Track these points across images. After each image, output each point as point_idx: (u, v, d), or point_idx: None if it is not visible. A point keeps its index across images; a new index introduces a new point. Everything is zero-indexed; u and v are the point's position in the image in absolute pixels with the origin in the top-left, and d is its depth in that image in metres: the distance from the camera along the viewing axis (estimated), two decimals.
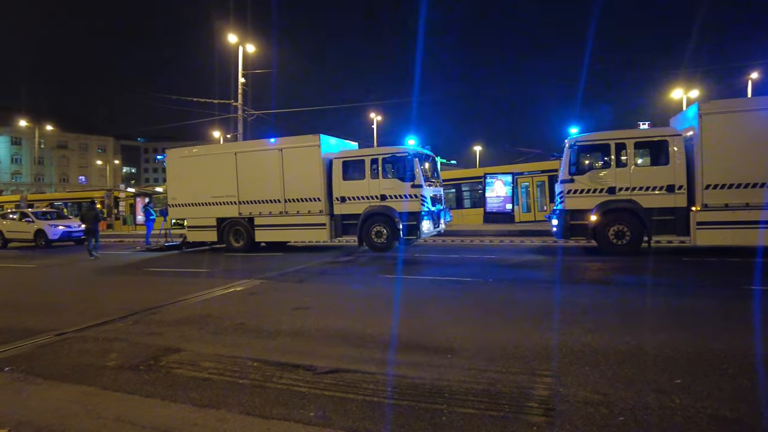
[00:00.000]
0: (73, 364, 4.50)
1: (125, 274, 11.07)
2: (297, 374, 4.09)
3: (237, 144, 14.92)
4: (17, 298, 8.37)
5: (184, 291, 8.11)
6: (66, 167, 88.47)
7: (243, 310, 6.61)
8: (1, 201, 37.26)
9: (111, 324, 6.04)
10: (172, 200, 15.59)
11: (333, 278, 9.25)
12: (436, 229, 13.40)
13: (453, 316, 6.00)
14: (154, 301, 7.30)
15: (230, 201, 14.55)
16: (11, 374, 4.28)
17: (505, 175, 21.86)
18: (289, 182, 13.78)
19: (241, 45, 26.40)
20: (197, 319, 6.16)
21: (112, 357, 4.69)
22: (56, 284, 10.12)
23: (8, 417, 3.39)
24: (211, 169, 14.90)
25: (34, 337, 5.52)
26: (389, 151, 12.99)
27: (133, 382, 4.01)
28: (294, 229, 13.92)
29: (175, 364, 4.43)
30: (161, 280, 9.82)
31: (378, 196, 12.88)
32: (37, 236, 19.39)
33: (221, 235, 14.85)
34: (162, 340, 5.22)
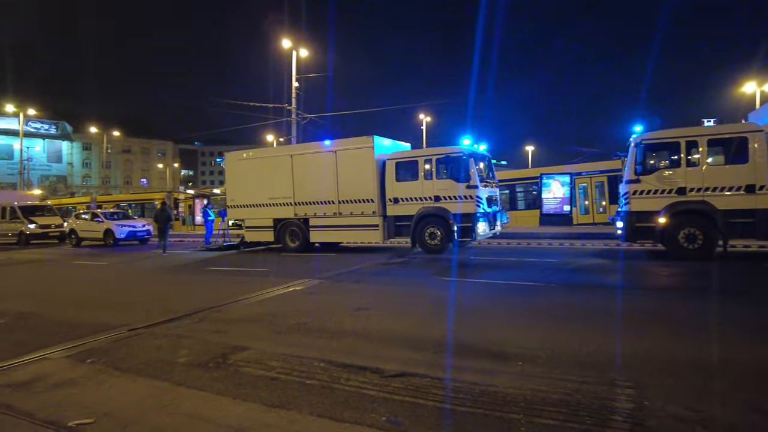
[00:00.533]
0: (147, 359, 4.64)
1: (188, 272, 11.47)
2: (364, 377, 4.04)
3: (292, 147, 15.21)
4: (93, 295, 8.83)
5: (245, 290, 8.28)
6: (130, 170, 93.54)
7: (304, 310, 6.65)
8: (75, 202, 39.78)
9: (179, 321, 6.23)
10: (231, 201, 16.07)
11: (389, 279, 9.19)
12: (492, 232, 13.10)
13: (518, 322, 5.79)
14: (217, 299, 7.49)
15: (286, 202, 14.83)
16: (93, 366, 4.47)
17: (563, 176, 21.12)
18: (343, 184, 13.88)
19: (295, 50, 26.98)
20: (260, 317, 6.25)
21: (182, 354, 4.81)
22: (126, 281, 10.62)
23: (94, 408, 3.53)
24: (267, 171, 15.24)
25: (109, 331, 5.77)
26: (443, 151, 12.82)
27: (204, 379, 4.08)
28: (347, 230, 14.00)
29: (243, 362, 4.49)
30: (222, 279, 10.11)
31: (432, 197, 12.74)
32: (106, 235, 20.51)
33: (277, 235, 15.15)
34: (228, 338, 5.32)
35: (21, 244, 23.14)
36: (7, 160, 77.15)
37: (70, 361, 4.65)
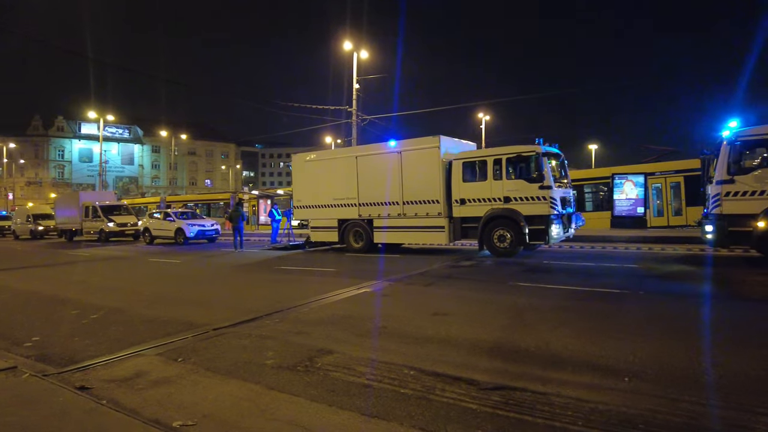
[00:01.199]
0: (236, 360, 4.66)
1: (261, 271, 11.70)
2: (459, 387, 3.84)
3: (357, 148, 15.26)
4: (174, 292, 9.15)
5: (318, 290, 8.30)
6: (195, 172, 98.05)
7: (381, 313, 6.54)
8: (146, 202, 42.06)
9: (260, 321, 6.27)
10: (297, 202, 16.33)
11: (462, 283, 8.94)
12: (566, 235, 12.52)
13: (612, 332, 5.40)
14: (293, 299, 7.52)
15: (351, 203, 14.87)
16: (185, 365, 4.54)
17: (636, 176, 20.01)
18: (407, 184, 13.74)
19: (356, 51, 27.15)
20: (339, 319, 6.19)
21: (269, 355, 4.79)
22: (202, 279, 10.96)
23: (193, 408, 3.53)
24: (333, 172, 15.36)
25: (194, 329, 5.88)
26: (514, 150, 12.38)
27: (295, 383, 4.02)
28: (412, 231, 13.85)
29: (331, 366, 4.41)
30: (294, 278, 10.21)
31: (501, 198, 12.33)
32: (177, 234, 21.44)
33: (342, 235, 15.23)
34: (311, 340, 5.27)
35: (101, 240, 24.67)
36: (88, 163, 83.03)
37: (163, 359, 4.74)
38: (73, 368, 4.48)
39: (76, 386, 3.96)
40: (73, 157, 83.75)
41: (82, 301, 8.09)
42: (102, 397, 3.73)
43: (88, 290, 9.52)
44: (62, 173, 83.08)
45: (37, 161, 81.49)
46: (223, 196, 40.47)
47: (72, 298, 8.55)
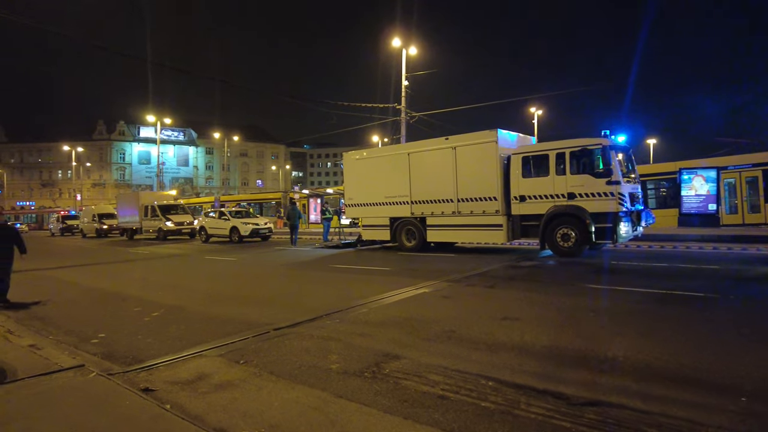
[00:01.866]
0: (299, 364, 4.43)
1: (315, 269, 11.59)
2: (546, 402, 3.44)
3: (409, 144, 14.92)
4: (231, 289, 9.13)
5: (375, 289, 8.04)
6: (246, 172, 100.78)
7: (444, 315, 6.17)
8: (201, 202, 43.45)
9: (319, 321, 6.06)
10: (349, 200, 16.20)
11: (527, 285, 8.43)
12: (634, 233, 11.69)
13: (708, 342, 4.81)
14: (351, 299, 7.29)
15: (403, 201, 14.57)
16: (247, 368, 4.35)
17: (707, 170, 18.64)
18: (462, 181, 13.28)
19: (404, 48, 26.84)
20: (402, 321, 5.88)
21: (333, 359, 4.55)
22: (259, 277, 10.95)
23: (259, 416, 3.31)
24: (384, 169, 15.11)
25: (253, 329, 5.73)
26: (579, 143, 11.67)
27: (364, 391, 3.74)
28: (467, 229, 13.37)
29: (400, 374, 4.10)
30: (349, 277, 10.00)
31: (564, 194, 11.66)
32: (232, 232, 21.85)
33: (394, 234, 14.96)
34: (375, 344, 4.99)
35: (159, 239, 25.55)
36: (146, 165, 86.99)
37: (225, 361, 4.58)
38: (137, 368, 4.39)
39: (140, 387, 3.84)
40: (133, 160, 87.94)
41: (143, 299, 8.19)
42: (166, 401, 3.58)
43: (148, 287, 9.68)
44: (123, 175, 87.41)
45: (101, 164, 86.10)
46: (274, 196, 41.24)
47: (134, 295, 8.68)
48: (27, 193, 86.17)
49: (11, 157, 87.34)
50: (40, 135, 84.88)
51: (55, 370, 4.02)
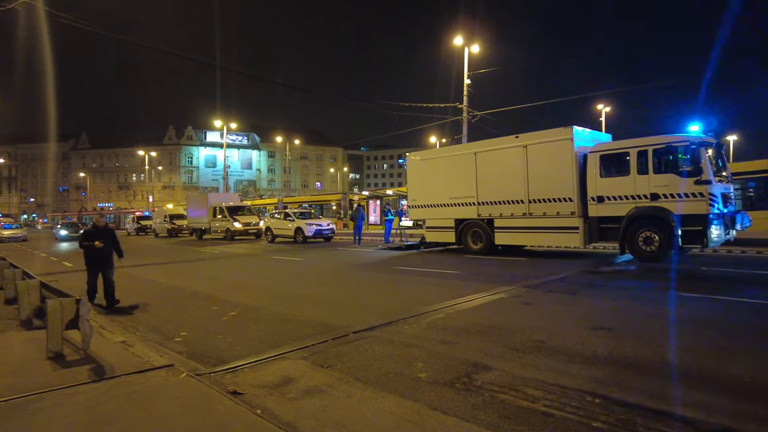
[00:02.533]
0: (385, 370, 4.26)
1: (382, 271, 11.47)
2: (668, 426, 3.07)
3: (476, 143, 14.51)
4: (303, 289, 9.15)
5: (448, 293, 7.78)
6: (306, 175, 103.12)
7: (529, 324, 5.81)
8: (264, 203, 44.76)
9: (396, 325, 5.88)
10: (412, 202, 15.99)
11: (612, 292, 7.87)
12: (726, 237, 10.70)
13: None
14: (425, 302, 7.08)
15: (469, 202, 14.18)
16: (332, 373, 4.23)
17: None
18: (534, 181, 12.72)
19: (467, 46, 26.35)
20: (484, 329, 5.58)
21: (419, 367, 4.34)
22: (328, 278, 10.95)
23: (351, 428, 3.15)
24: (449, 170, 14.78)
25: (332, 331, 5.63)
26: (664, 140, 10.85)
27: (459, 404, 3.50)
28: (539, 232, 12.78)
29: (495, 386, 3.82)
30: (418, 280, 9.78)
31: (647, 195, 10.87)
32: (296, 233, 22.22)
33: (459, 236, 14.59)
34: (460, 352, 4.74)
35: (227, 239, 26.43)
36: (212, 168, 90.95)
37: (309, 365, 4.48)
38: (222, 369, 4.38)
39: (228, 390, 3.80)
40: (200, 163, 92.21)
41: (219, 298, 8.35)
42: (256, 405, 3.50)
43: (223, 286, 9.89)
44: (191, 178, 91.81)
45: (171, 167, 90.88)
46: (334, 197, 41.76)
47: (210, 294, 8.88)
48: (106, 195, 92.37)
49: (93, 161, 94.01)
50: (117, 141, 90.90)
51: (147, 368, 4.06)
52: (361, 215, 20.32)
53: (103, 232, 7.78)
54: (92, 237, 7.60)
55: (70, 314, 4.49)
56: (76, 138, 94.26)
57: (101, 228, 7.83)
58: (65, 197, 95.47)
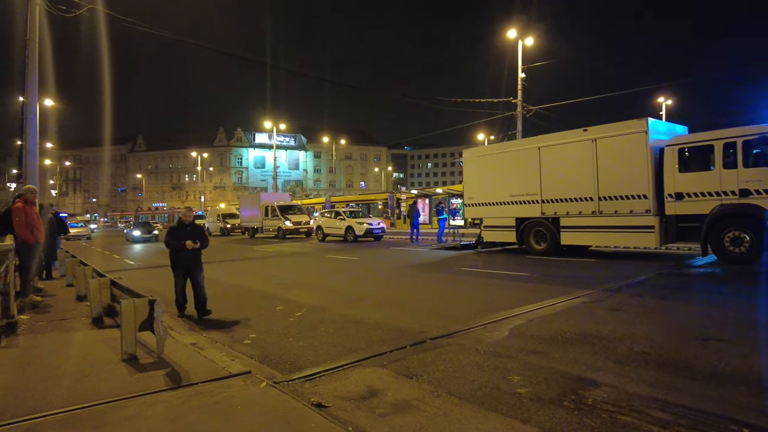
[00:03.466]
0: (478, 383, 3.83)
1: (442, 272, 11.02)
2: None
3: (540, 137, 13.80)
4: (365, 290, 8.84)
5: (522, 297, 7.27)
6: (351, 174, 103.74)
7: (626, 332, 5.23)
8: (312, 202, 45.12)
9: (475, 332, 5.43)
10: (468, 200, 15.44)
11: (707, 297, 7.12)
12: None
13: None
14: (499, 306, 6.60)
15: (532, 200, 13.50)
16: (420, 384, 3.84)
17: None
18: (604, 177, 11.93)
19: (520, 39, 25.46)
20: (576, 337, 5.06)
21: (515, 381, 3.89)
22: (388, 278, 10.59)
23: None
24: (510, 166, 14.14)
25: (407, 337, 5.27)
26: (756, 130, 9.84)
27: (576, 426, 3.03)
28: (609, 231, 11.97)
29: (611, 406, 3.33)
30: (484, 282, 9.27)
31: (735, 191, 9.92)
32: (347, 232, 22.09)
33: (520, 236, 13.93)
34: (557, 364, 4.25)
35: (279, 237, 26.66)
36: (261, 169, 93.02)
37: (392, 374, 4.12)
38: (300, 377, 4.08)
39: (312, 402, 3.48)
40: (249, 164, 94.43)
41: (282, 297, 8.16)
42: (345, 421, 3.17)
43: (283, 285, 9.73)
44: (240, 178, 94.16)
45: (221, 168, 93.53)
46: (380, 196, 41.56)
47: (271, 292, 8.72)
48: (160, 195, 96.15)
49: (148, 163, 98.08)
50: (171, 143, 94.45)
51: (224, 375, 3.81)
52: (417, 213, 20.36)
53: (193, 229, 6.74)
54: (181, 235, 6.58)
55: (143, 315, 4.32)
56: (133, 141, 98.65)
57: (190, 224, 6.76)
58: (123, 197, 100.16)
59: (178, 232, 6.62)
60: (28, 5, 12.01)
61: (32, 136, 11.80)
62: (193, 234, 6.61)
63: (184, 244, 6.46)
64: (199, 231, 6.80)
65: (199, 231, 6.77)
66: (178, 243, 6.49)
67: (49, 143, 47.44)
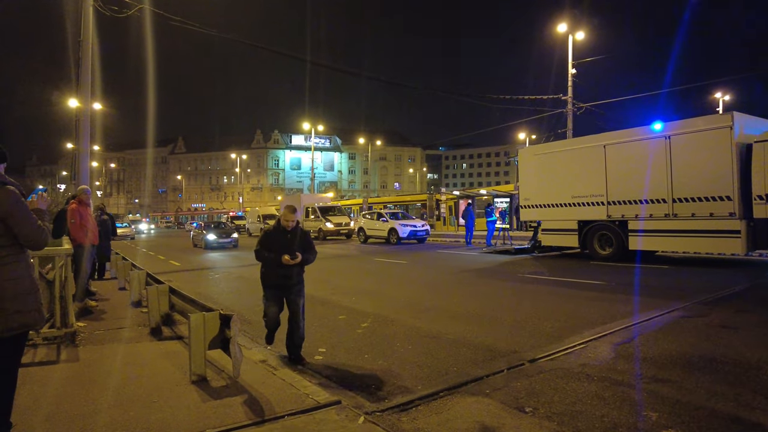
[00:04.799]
0: (610, 422, 3.18)
1: (502, 278, 10.32)
2: None
3: (605, 135, 12.87)
4: (428, 299, 8.23)
5: (608, 310, 6.54)
6: (385, 176, 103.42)
7: (759, 356, 4.45)
8: (350, 204, 44.84)
9: (574, 352, 4.76)
10: (525, 201, 14.63)
11: None
12: None
13: None
14: (587, 321, 5.92)
15: (596, 201, 12.60)
16: (540, 422, 3.21)
17: None
18: (679, 177, 10.96)
19: (571, 33, 24.38)
20: (700, 362, 4.32)
21: (653, 418, 3.21)
22: (446, 284, 9.94)
23: None
24: (571, 165, 13.27)
25: (498, 358, 4.65)
26: None
27: None
28: (685, 236, 10.98)
29: None
30: (556, 291, 8.50)
31: None
32: (390, 234, 21.52)
33: (583, 240, 13.05)
34: (695, 398, 3.54)
35: (319, 239, 26.36)
36: (297, 170, 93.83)
37: (501, 407, 3.51)
38: (393, 406, 3.51)
39: None
40: (285, 166, 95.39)
41: (340, 304, 7.67)
42: None
43: (337, 290, 9.25)
44: (277, 180, 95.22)
45: (258, 170, 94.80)
46: (419, 197, 40.91)
47: (327, 298, 8.23)
48: (199, 196, 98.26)
49: (188, 165, 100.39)
50: (210, 145, 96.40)
51: (312, 406, 3.29)
52: (471, 215, 19.73)
53: (295, 237, 4.74)
54: (277, 244, 4.66)
55: (213, 332, 3.86)
56: (174, 143, 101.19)
57: (292, 231, 4.73)
58: (163, 198, 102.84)
59: (274, 239, 4.72)
60: (81, 6, 11.98)
61: (85, 138, 11.74)
62: (293, 244, 4.68)
63: (279, 258, 4.57)
64: (305, 240, 4.85)
65: (304, 240, 4.83)
66: (271, 257, 4.64)
67: (96, 146, 49.00)
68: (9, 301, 2.47)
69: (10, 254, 2.53)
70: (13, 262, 2.53)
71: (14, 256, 2.55)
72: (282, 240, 4.70)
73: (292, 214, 4.72)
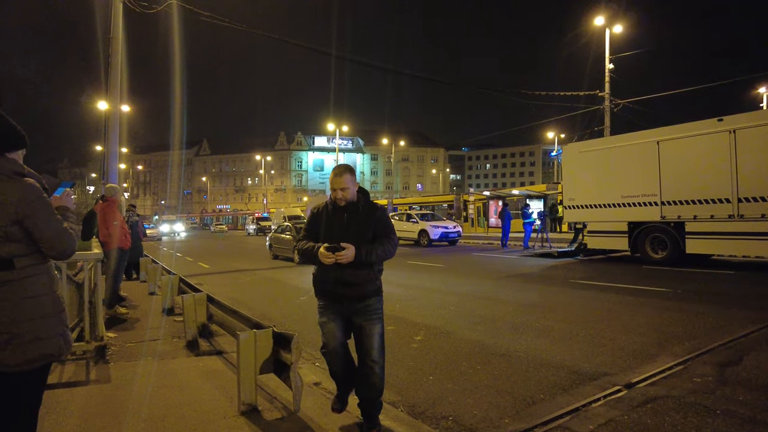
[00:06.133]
0: None
1: (554, 284, 9.56)
2: None
3: (658, 130, 12.01)
4: (479, 308, 7.57)
5: (686, 323, 5.82)
6: (407, 177, 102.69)
7: None
8: None
9: (673, 375, 4.08)
10: (569, 201, 13.83)
11: None
12: None
13: None
14: (667, 335, 5.21)
15: (648, 201, 11.76)
16: None
17: None
18: (745, 175, 10.09)
19: (608, 27, 23.41)
20: None
21: None
22: (494, 291, 9.23)
23: None
24: (620, 163, 12.44)
25: (588, 382, 3.99)
26: None
27: None
28: (753, 239, 10.08)
29: None
30: (618, 300, 7.73)
31: None
32: (420, 236, 20.88)
33: (633, 242, 12.21)
34: None
35: None
36: (319, 172, 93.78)
37: None
38: None
39: None
40: (308, 167, 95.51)
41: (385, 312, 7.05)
42: None
43: None
44: (300, 181, 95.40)
45: (282, 171, 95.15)
46: (445, 198, 40.15)
47: None
48: (224, 197, 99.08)
49: (213, 167, 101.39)
50: (234, 147, 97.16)
51: None
52: (508, 216, 19.16)
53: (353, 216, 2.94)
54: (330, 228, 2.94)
55: (264, 353, 3.30)
56: (199, 145, 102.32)
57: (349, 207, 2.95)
58: (188, 199, 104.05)
59: (322, 222, 3.00)
60: (111, 3, 11.70)
61: (114, 137, 11.43)
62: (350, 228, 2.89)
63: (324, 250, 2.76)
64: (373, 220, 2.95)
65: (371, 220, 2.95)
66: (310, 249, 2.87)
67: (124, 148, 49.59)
68: (26, 325, 1.91)
69: (30, 265, 1.97)
70: (33, 275, 1.98)
71: (34, 268, 1.99)
72: (333, 222, 2.92)
73: (340, 177, 2.89)
